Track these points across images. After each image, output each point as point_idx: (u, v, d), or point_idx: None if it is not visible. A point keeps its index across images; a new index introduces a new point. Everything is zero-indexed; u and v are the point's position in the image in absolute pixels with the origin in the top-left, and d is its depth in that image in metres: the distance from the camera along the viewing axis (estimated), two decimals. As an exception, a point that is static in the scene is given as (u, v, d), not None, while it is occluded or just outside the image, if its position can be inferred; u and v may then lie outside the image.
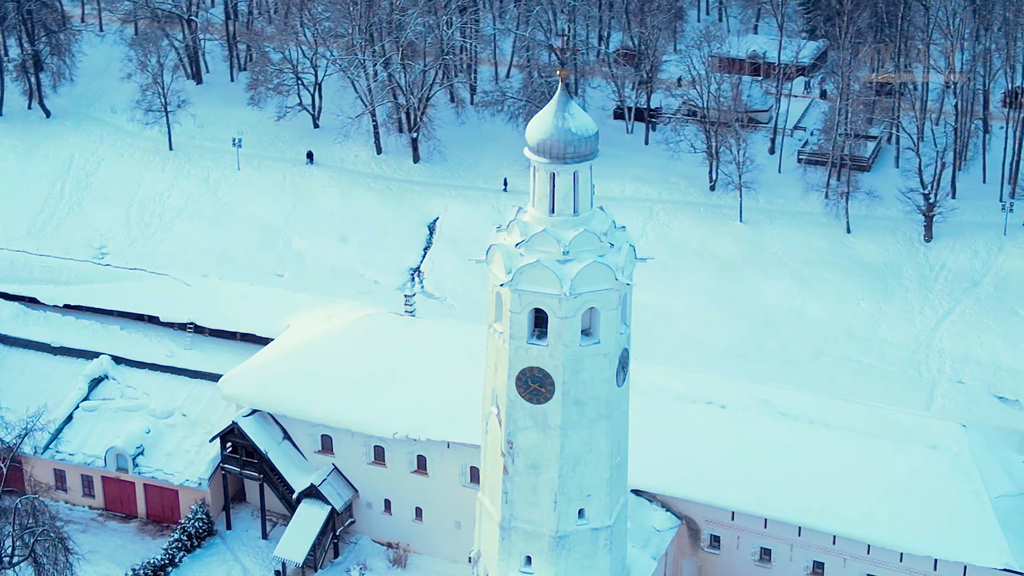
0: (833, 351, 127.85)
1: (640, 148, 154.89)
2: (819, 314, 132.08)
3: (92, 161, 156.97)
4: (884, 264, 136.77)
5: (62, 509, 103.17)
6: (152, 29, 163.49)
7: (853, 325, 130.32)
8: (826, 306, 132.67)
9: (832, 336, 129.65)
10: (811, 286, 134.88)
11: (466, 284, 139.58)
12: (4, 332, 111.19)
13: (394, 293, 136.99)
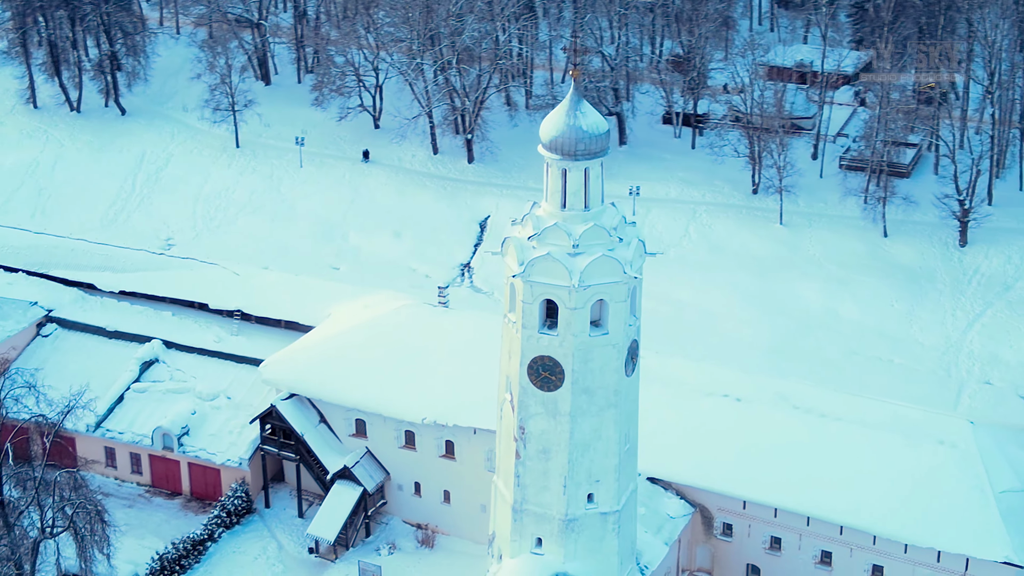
0: (865, 350, 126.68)
1: (687, 152, 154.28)
2: (853, 315, 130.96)
3: (162, 157, 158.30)
4: (919, 267, 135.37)
5: (111, 485, 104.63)
6: (222, 32, 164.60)
7: (886, 326, 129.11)
8: (860, 307, 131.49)
9: (865, 336, 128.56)
10: (847, 287, 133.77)
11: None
12: (63, 316, 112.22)
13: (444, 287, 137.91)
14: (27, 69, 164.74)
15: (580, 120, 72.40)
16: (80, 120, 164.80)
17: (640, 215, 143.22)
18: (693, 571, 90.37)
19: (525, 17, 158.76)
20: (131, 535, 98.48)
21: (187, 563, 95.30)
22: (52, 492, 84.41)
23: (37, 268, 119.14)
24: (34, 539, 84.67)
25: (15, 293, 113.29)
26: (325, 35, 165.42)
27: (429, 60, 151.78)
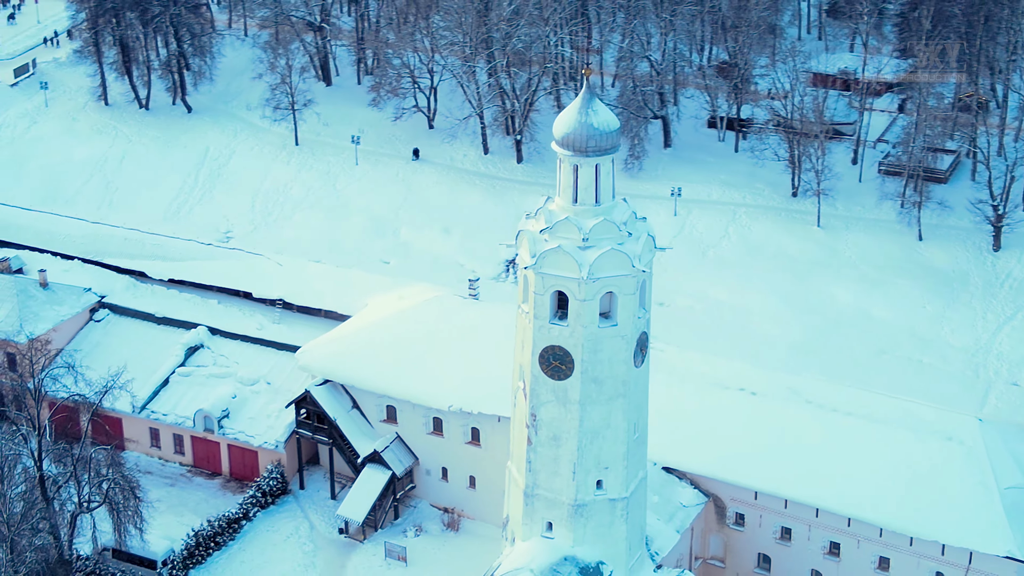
0: (895, 350, 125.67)
1: (730, 155, 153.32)
2: (885, 315, 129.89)
3: (225, 153, 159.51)
4: (952, 271, 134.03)
5: (155, 465, 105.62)
6: (285, 34, 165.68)
7: (917, 327, 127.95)
8: (892, 308, 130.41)
9: (896, 336, 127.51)
10: (880, 289, 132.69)
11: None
12: (115, 302, 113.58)
13: (488, 283, 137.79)
14: (99, 68, 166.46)
15: (592, 118, 72.28)
16: (148, 117, 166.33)
17: (681, 216, 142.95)
18: (707, 559, 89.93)
19: (575, 22, 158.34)
20: (170, 512, 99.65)
21: (222, 540, 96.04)
22: (89, 468, 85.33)
23: (92, 256, 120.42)
24: (72, 512, 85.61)
25: (71, 280, 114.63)
26: (383, 38, 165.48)
27: (482, 63, 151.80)
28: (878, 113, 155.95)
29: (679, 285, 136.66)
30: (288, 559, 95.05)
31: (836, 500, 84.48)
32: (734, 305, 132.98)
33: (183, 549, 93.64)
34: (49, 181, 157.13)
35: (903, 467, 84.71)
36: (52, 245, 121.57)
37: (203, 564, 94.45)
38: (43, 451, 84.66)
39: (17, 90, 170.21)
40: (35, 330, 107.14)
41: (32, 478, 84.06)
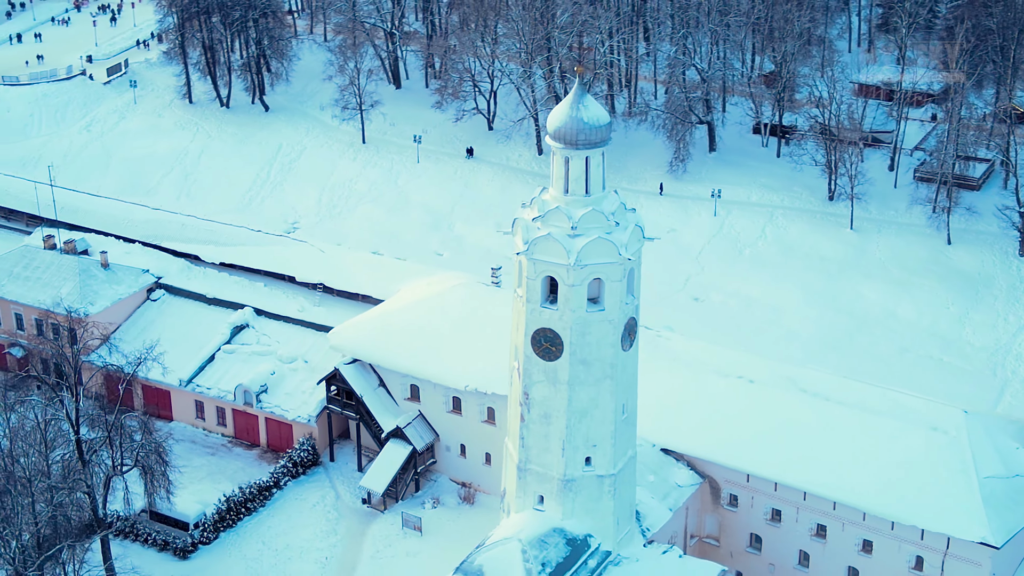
0: (917, 348, 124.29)
1: (771, 160, 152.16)
2: (910, 315, 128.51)
3: (297, 149, 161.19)
4: (978, 274, 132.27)
5: (199, 435, 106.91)
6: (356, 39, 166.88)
7: (939, 326, 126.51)
8: (917, 308, 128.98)
9: (919, 335, 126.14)
10: (907, 290, 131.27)
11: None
12: (170, 283, 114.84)
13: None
14: (185, 68, 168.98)
15: (582, 112, 72.41)
16: (228, 115, 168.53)
17: (721, 216, 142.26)
18: (702, 537, 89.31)
19: (625, 31, 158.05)
20: (209, 479, 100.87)
21: (252, 506, 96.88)
22: (121, 434, 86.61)
23: (151, 240, 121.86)
24: (106, 474, 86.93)
25: (131, 261, 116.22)
26: (448, 45, 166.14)
27: (539, 69, 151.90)
28: (917, 122, 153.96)
29: (715, 281, 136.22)
30: (312, 526, 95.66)
31: (823, 484, 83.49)
32: (766, 302, 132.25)
33: (214, 513, 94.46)
34: (133, 172, 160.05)
35: (888, 455, 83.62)
36: (116, 229, 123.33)
37: (233, 528, 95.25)
38: (80, 417, 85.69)
39: (109, 88, 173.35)
40: (94, 307, 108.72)
41: (70, 441, 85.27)
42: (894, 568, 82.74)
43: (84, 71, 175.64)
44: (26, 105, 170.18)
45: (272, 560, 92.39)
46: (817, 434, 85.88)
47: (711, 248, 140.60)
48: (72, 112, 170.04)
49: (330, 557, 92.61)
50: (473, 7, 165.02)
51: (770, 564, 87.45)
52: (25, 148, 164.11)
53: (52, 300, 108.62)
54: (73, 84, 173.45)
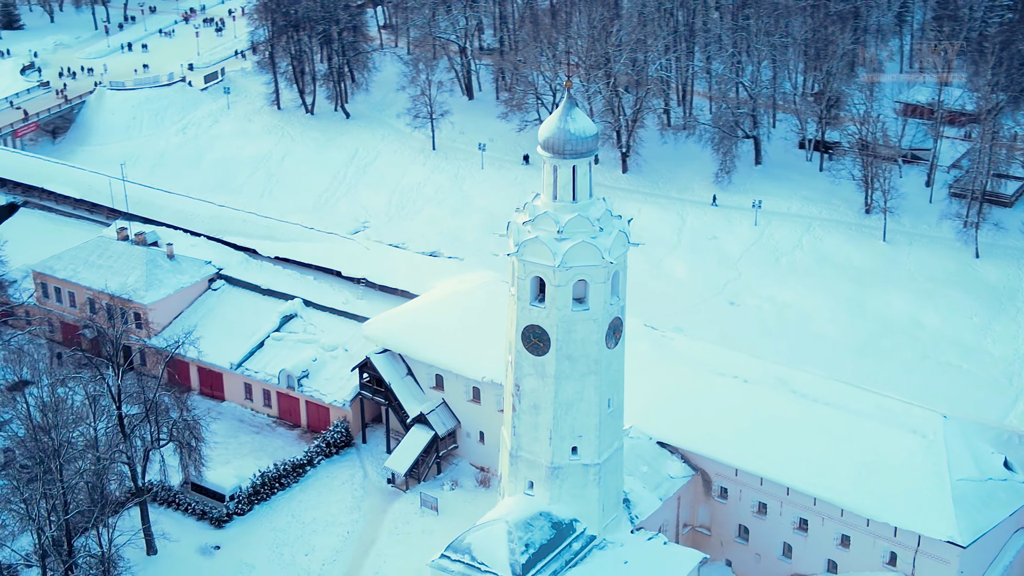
0: (938, 356, 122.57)
1: (814, 174, 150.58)
2: (934, 324, 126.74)
3: (371, 154, 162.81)
4: (1003, 287, 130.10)
5: (247, 415, 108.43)
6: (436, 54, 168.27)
7: (961, 335, 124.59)
8: (941, 317, 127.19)
9: (940, 343, 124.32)
10: (933, 300, 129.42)
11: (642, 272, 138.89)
12: (230, 274, 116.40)
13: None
14: (274, 77, 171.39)
15: (570, 124, 72.40)
16: (312, 120, 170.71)
17: (761, 225, 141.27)
18: (695, 526, 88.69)
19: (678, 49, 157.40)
20: (251, 456, 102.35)
21: (286, 481, 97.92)
22: (158, 411, 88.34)
23: (215, 234, 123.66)
24: (145, 448, 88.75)
25: (195, 253, 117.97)
26: (514, 60, 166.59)
27: (596, 83, 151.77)
28: (957, 140, 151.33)
29: (751, 287, 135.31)
30: (339, 502, 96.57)
31: (805, 481, 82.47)
32: (797, 307, 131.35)
33: (249, 487, 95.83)
34: (221, 172, 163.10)
35: (867, 455, 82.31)
36: (184, 223, 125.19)
37: (267, 501, 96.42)
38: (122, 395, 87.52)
39: (206, 94, 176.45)
40: (157, 295, 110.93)
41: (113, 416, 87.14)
42: (869, 563, 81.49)
43: (184, 78, 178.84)
44: (130, 108, 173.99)
45: (298, 532, 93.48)
46: (803, 433, 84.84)
47: (750, 255, 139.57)
48: (171, 116, 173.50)
49: (351, 531, 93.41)
50: (540, 25, 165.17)
51: (756, 554, 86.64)
52: (126, 148, 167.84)
53: (119, 287, 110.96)
54: (173, 90, 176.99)
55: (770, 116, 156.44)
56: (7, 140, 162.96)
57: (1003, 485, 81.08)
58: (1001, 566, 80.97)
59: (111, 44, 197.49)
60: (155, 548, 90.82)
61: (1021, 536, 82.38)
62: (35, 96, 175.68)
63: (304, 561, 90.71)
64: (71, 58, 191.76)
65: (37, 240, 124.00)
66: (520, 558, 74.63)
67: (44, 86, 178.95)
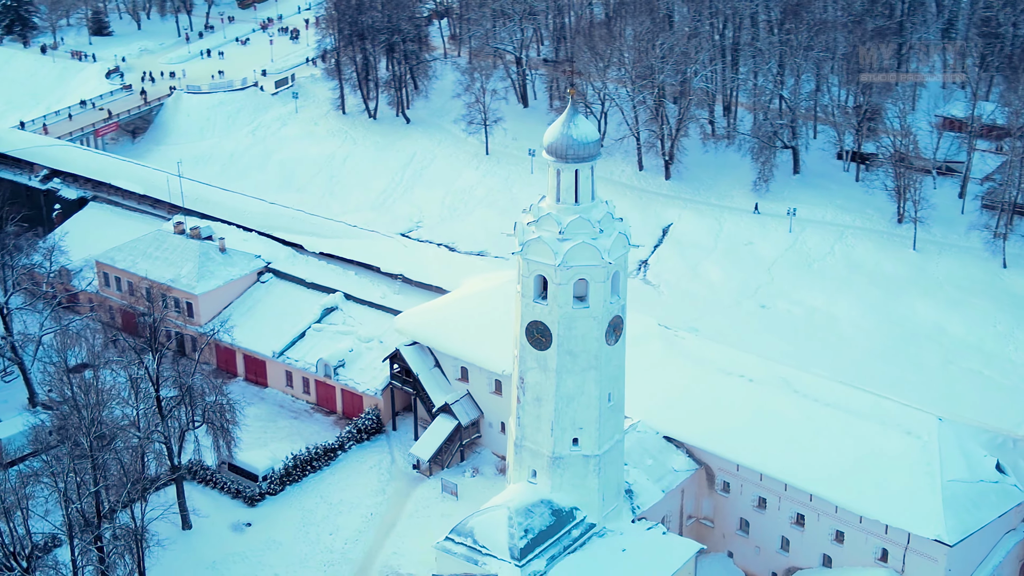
0: (960, 362, 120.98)
1: (850, 184, 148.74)
2: (959, 331, 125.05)
3: (428, 158, 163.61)
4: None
5: (288, 400, 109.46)
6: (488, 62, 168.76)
7: (985, 343, 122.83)
8: (966, 325, 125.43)
9: (963, 350, 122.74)
10: (958, 308, 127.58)
11: (678, 276, 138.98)
12: (277, 268, 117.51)
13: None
14: (340, 84, 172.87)
15: (572, 130, 72.36)
16: (374, 125, 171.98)
17: (795, 232, 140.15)
18: (700, 518, 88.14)
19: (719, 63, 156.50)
20: (288, 440, 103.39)
21: (317, 464, 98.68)
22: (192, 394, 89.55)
23: (265, 230, 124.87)
24: (181, 429, 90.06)
25: (246, 248, 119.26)
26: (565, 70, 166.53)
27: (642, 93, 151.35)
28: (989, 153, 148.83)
29: (782, 291, 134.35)
30: (365, 485, 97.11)
31: (802, 477, 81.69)
32: (826, 311, 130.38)
33: (281, 468, 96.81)
34: (287, 172, 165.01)
35: (863, 454, 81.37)
36: (237, 219, 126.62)
37: (298, 482, 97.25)
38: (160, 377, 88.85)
39: (276, 98, 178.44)
40: (208, 286, 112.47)
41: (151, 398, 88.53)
42: (862, 558, 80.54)
43: (256, 83, 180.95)
44: (204, 111, 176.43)
45: (325, 512, 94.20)
46: (802, 431, 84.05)
47: (783, 260, 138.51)
48: (242, 118, 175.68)
49: (375, 513, 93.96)
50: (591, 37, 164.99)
51: (756, 547, 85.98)
52: (200, 148, 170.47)
53: (173, 277, 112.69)
54: (245, 94, 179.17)
55: (809, 127, 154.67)
56: (89, 139, 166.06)
57: (994, 487, 79.71)
58: (990, 566, 79.59)
59: (191, 51, 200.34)
60: (190, 523, 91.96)
61: (1011, 537, 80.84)
62: (117, 98, 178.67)
63: (328, 540, 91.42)
64: (154, 63, 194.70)
65: (103, 232, 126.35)
66: (519, 543, 74.71)
67: (126, 89, 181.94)
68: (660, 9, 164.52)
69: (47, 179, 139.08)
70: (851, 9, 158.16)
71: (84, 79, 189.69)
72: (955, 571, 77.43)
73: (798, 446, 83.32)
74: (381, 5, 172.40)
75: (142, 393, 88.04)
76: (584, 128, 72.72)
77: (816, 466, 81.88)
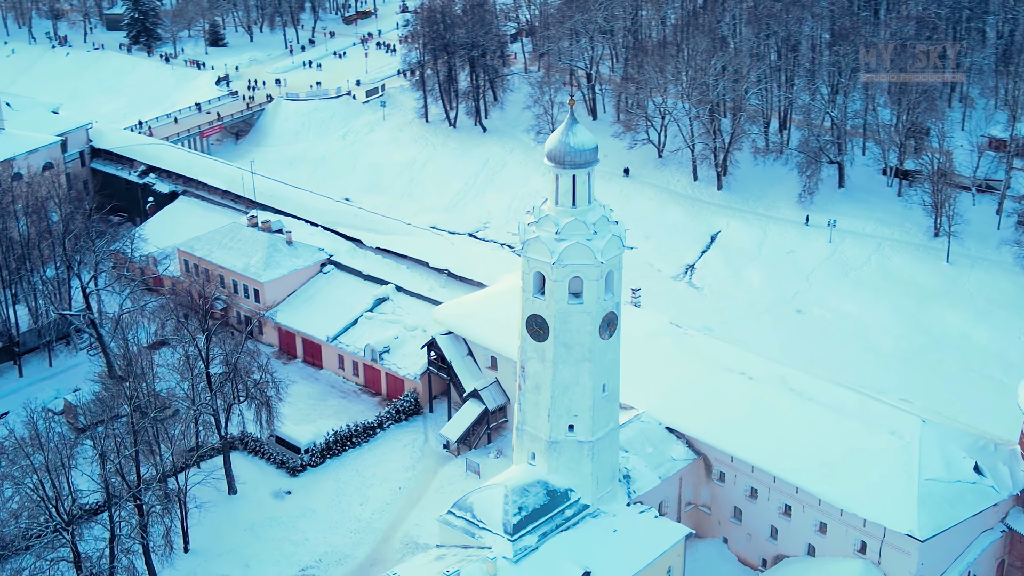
0: (980, 369, 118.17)
1: (892, 199, 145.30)
2: (982, 340, 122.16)
3: (499, 164, 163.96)
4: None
5: (339, 381, 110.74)
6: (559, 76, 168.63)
7: (1007, 352, 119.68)
8: (991, 335, 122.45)
9: (985, 358, 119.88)
10: (985, 318, 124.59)
11: (721, 280, 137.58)
12: (338, 260, 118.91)
13: (668, 281, 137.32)
14: (423, 94, 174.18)
15: (571, 138, 72.37)
16: (453, 133, 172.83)
17: (835, 242, 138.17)
18: (698, 505, 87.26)
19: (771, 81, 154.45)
20: (335, 417, 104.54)
21: (356, 441, 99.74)
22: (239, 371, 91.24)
23: (329, 225, 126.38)
24: (228, 403, 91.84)
25: (312, 241, 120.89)
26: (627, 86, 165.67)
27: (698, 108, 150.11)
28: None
29: (818, 297, 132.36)
30: (398, 461, 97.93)
31: (789, 471, 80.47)
32: (858, 318, 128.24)
33: (323, 442, 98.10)
34: (372, 174, 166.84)
35: (848, 451, 79.69)
36: (306, 215, 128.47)
37: (338, 456, 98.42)
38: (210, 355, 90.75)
39: (366, 106, 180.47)
40: (273, 274, 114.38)
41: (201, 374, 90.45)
42: (842, 549, 79.03)
43: (349, 92, 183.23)
44: (300, 117, 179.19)
45: (358, 485, 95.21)
46: (793, 427, 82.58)
47: (821, 269, 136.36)
48: (334, 124, 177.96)
49: (403, 487, 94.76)
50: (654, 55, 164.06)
51: (748, 534, 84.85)
52: (294, 150, 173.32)
53: (243, 266, 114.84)
54: (338, 102, 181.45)
55: (857, 144, 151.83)
56: (195, 140, 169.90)
57: (970, 487, 77.58)
58: (965, 563, 77.52)
59: (294, 62, 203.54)
60: (235, 489, 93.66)
61: (987, 536, 78.62)
62: (224, 103, 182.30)
63: (358, 509, 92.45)
64: (261, 72, 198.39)
65: (189, 223, 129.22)
66: (512, 519, 74.84)
67: (233, 95, 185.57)
68: (719, 30, 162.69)
69: (144, 174, 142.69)
70: (902, 34, 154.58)
71: (197, 85, 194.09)
72: (928, 565, 75.63)
73: (789, 441, 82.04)
74: (465, 23, 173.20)
75: (196, 370, 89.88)
76: (581, 137, 72.57)
77: (803, 460, 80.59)
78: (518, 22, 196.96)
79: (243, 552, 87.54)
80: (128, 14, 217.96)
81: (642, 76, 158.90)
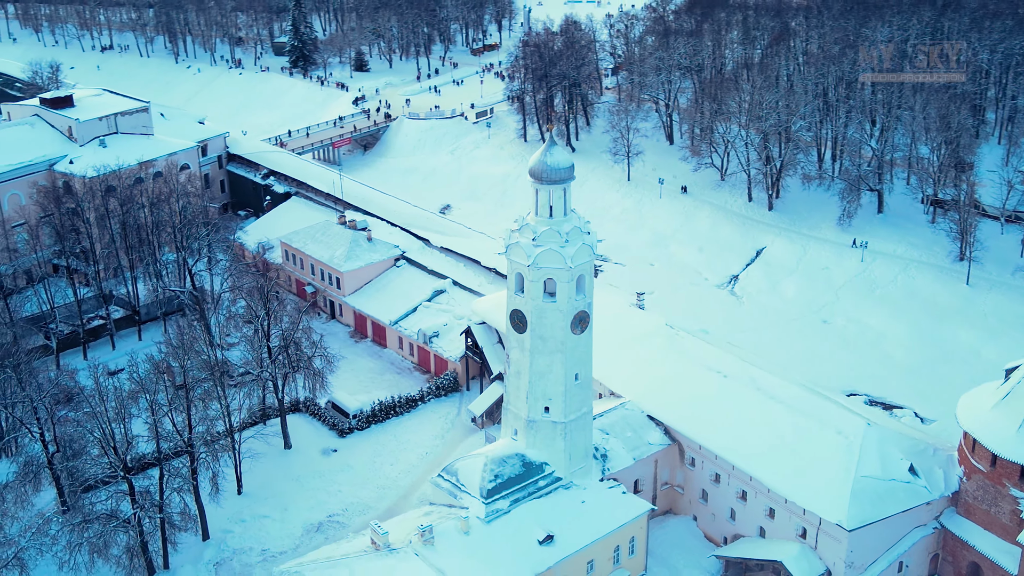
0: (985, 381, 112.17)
1: (926, 225, 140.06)
2: (992, 356, 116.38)
3: (581, 180, 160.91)
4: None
5: (398, 359, 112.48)
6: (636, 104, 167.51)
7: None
8: (1000, 351, 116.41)
9: (991, 372, 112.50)
10: (996, 336, 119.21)
11: (760, 290, 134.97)
12: (409, 256, 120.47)
13: (712, 289, 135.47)
14: (523, 116, 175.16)
15: (548, 158, 72.92)
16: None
17: (866, 262, 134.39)
18: (674, 485, 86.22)
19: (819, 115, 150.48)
20: (387, 389, 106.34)
21: (399, 410, 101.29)
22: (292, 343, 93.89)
23: (405, 226, 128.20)
24: (284, 372, 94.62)
25: (389, 239, 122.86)
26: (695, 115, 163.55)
27: (753, 135, 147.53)
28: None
29: (843, 310, 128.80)
30: (431, 430, 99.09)
31: (745, 460, 79.02)
32: (877, 330, 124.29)
33: (369, 410, 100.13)
34: (472, 186, 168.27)
35: (797, 446, 77.80)
36: (388, 216, 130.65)
37: (382, 423, 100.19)
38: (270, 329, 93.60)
39: (474, 127, 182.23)
40: (353, 266, 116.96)
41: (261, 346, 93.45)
42: (787, 534, 77.17)
43: (462, 114, 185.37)
44: (418, 134, 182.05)
45: (393, 448, 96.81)
46: (753, 421, 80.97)
47: (850, 285, 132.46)
48: (446, 141, 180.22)
49: (429, 453, 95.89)
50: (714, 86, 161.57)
51: (712, 514, 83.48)
52: (410, 162, 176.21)
53: (328, 257, 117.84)
54: (452, 122, 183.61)
55: (897, 173, 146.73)
56: (328, 150, 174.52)
57: (903, 486, 74.83)
58: (895, 554, 74.83)
59: (421, 87, 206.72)
60: (290, 444, 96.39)
61: (919, 532, 75.67)
62: (357, 119, 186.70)
63: (388, 469, 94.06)
64: (393, 94, 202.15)
65: (297, 219, 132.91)
66: (488, 484, 75.52)
67: (365, 113, 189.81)
68: (775, 70, 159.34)
69: (266, 177, 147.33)
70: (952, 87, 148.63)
71: (339, 104, 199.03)
72: (857, 553, 73.39)
73: (748, 434, 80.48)
74: (564, 56, 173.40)
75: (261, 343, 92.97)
76: (558, 157, 72.78)
77: (758, 452, 79.03)
78: (615, 56, 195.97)
79: (285, 497, 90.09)
80: (290, 42, 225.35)
81: (709, 108, 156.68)
